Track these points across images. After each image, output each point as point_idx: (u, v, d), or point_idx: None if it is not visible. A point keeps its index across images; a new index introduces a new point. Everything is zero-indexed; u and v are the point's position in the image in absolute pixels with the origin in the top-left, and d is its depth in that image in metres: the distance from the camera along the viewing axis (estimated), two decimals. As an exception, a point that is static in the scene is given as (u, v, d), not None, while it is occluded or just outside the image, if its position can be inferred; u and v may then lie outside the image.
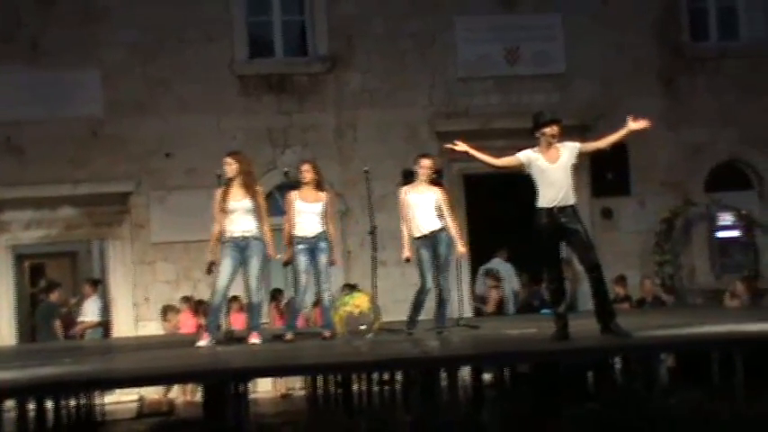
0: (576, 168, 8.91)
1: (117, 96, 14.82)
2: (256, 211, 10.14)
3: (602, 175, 15.70)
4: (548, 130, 8.82)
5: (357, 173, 12.91)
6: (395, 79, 15.37)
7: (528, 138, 15.50)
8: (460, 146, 9.09)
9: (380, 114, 15.25)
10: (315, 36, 15.43)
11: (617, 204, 15.83)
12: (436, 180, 10.77)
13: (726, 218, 16.15)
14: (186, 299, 14.47)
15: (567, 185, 8.76)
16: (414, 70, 15.42)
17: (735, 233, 16.13)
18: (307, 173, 10.49)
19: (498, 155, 15.36)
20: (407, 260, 10.50)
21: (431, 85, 15.47)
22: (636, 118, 8.83)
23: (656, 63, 15.95)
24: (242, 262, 10.12)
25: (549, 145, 8.82)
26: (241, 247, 10.09)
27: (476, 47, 15.53)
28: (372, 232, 10.92)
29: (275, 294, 14.57)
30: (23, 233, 14.90)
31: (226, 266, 10.10)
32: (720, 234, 16.20)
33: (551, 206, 8.69)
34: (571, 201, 8.78)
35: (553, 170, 8.77)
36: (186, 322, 14.19)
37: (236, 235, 10.09)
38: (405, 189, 10.66)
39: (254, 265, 10.14)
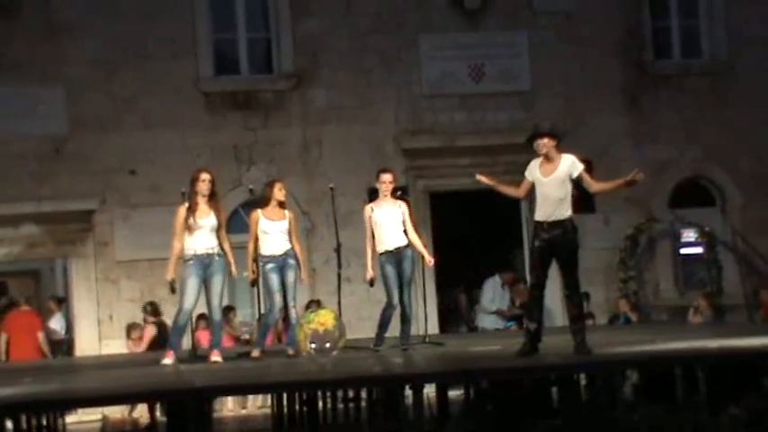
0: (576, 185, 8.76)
1: (81, 113, 14.74)
2: (219, 229, 10.13)
3: (567, 191, 15.75)
4: (537, 143, 8.69)
5: (322, 190, 12.91)
6: (360, 96, 15.40)
7: (490, 154, 15.70)
8: (483, 179, 8.99)
9: (346, 131, 15.27)
10: (280, 53, 15.43)
11: (581, 221, 15.65)
12: (401, 196, 10.77)
13: (689, 235, 16.25)
14: (149, 305, 14.32)
15: (560, 200, 8.64)
16: (379, 87, 15.45)
17: (698, 250, 16.22)
18: (281, 191, 10.47)
19: (463, 172, 15.56)
20: (371, 282, 10.48)
21: (396, 102, 15.50)
22: (638, 173, 8.67)
23: (619, 80, 16.06)
24: (205, 279, 10.08)
25: (547, 157, 8.68)
26: (205, 264, 10.06)
27: (441, 64, 15.59)
28: (337, 249, 10.92)
29: (226, 312, 14.52)
30: (-15, 251, 14.78)
31: (192, 285, 10.05)
32: (684, 251, 16.30)
33: (542, 221, 8.64)
34: (565, 215, 8.66)
35: (546, 183, 8.67)
36: (149, 333, 14.07)
37: (200, 252, 10.06)
38: (369, 206, 10.64)
39: (218, 282, 10.12)
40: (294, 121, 15.33)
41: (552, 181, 8.66)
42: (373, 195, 11.06)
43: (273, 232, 10.39)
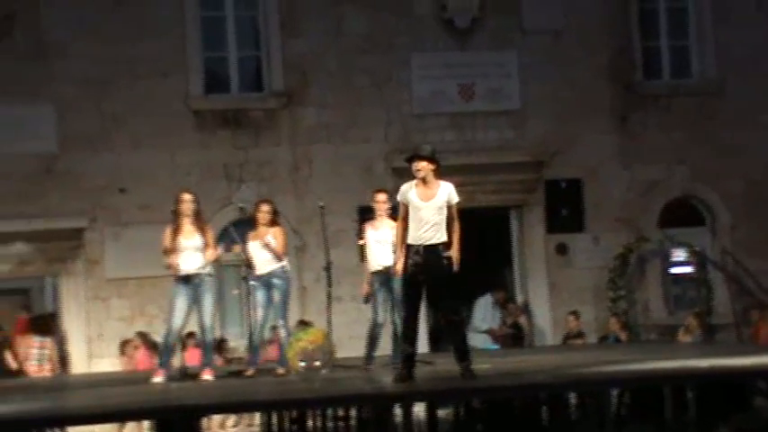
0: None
1: (71, 131, 14.72)
2: (205, 248, 10.15)
3: (556, 211, 15.83)
4: (416, 165, 8.70)
5: (313, 208, 12.91)
6: (350, 115, 15.41)
7: (480, 173, 15.72)
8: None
9: (336, 150, 15.29)
10: (270, 72, 15.45)
11: (571, 240, 15.93)
12: (393, 215, 10.80)
13: (679, 254, 16.28)
14: (142, 335, 14.34)
15: (437, 224, 8.65)
16: (369, 106, 15.47)
17: (688, 269, 16.26)
18: (265, 214, 10.51)
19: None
20: (366, 297, 10.54)
21: (386, 120, 15.52)
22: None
23: (609, 100, 16.10)
24: (195, 299, 10.11)
25: (424, 181, 8.70)
26: (194, 284, 10.09)
27: (431, 83, 15.62)
28: (327, 268, 10.93)
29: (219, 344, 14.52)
30: (-24, 269, 14.74)
31: (180, 305, 10.11)
32: (674, 270, 16.33)
33: (417, 244, 8.63)
34: (440, 240, 8.66)
35: (424, 208, 8.68)
36: (143, 359, 14.05)
37: (187, 273, 10.08)
38: (367, 225, 10.75)
39: (208, 302, 10.17)
40: (284, 140, 15.33)
41: (430, 207, 8.69)
42: (364, 214, 11.11)
43: (256, 252, 10.42)
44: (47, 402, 9.13)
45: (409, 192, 8.70)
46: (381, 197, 10.68)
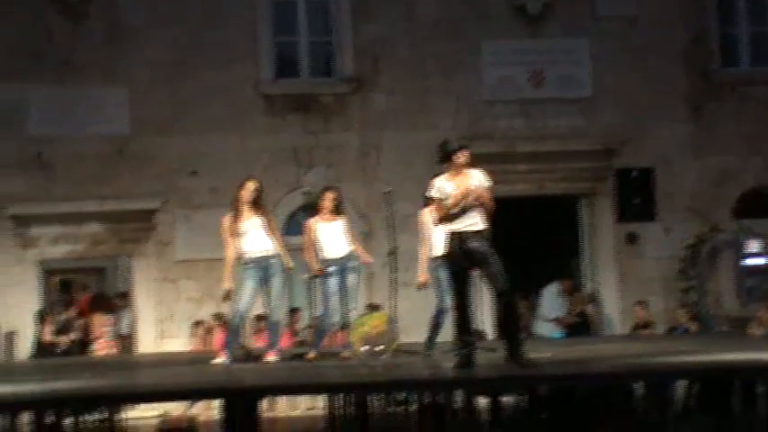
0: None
1: (143, 114, 14.94)
2: (268, 229, 10.21)
3: (627, 200, 15.66)
4: (458, 155, 8.67)
5: (380, 194, 12.89)
6: (419, 101, 15.39)
7: (550, 161, 15.61)
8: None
9: (404, 136, 15.27)
10: (341, 57, 15.49)
11: (642, 230, 15.76)
12: None
13: (753, 245, 16.01)
14: (219, 316, 14.49)
15: (477, 211, 8.62)
16: (438, 93, 15.44)
17: (762, 261, 16.00)
18: (328, 201, 10.55)
19: (522, 178, 15.47)
20: (422, 285, 10.52)
21: (455, 107, 15.47)
22: None
23: (683, 88, 15.86)
24: (264, 281, 10.18)
25: (458, 172, 8.72)
26: (263, 266, 10.17)
27: (501, 70, 15.53)
28: (393, 253, 10.95)
29: (291, 313, 14.63)
30: (51, 248, 15.02)
31: (249, 288, 10.17)
32: (747, 261, 16.07)
33: (462, 231, 8.60)
34: (480, 226, 8.64)
35: None
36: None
37: (257, 255, 10.16)
38: (425, 210, 10.68)
39: (277, 283, 10.23)
40: (353, 126, 15.38)
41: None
42: (428, 202, 11.08)
43: (329, 236, 10.45)
44: (113, 380, 9.29)
45: (445, 185, 8.69)
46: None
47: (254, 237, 10.17)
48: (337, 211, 10.64)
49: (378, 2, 15.45)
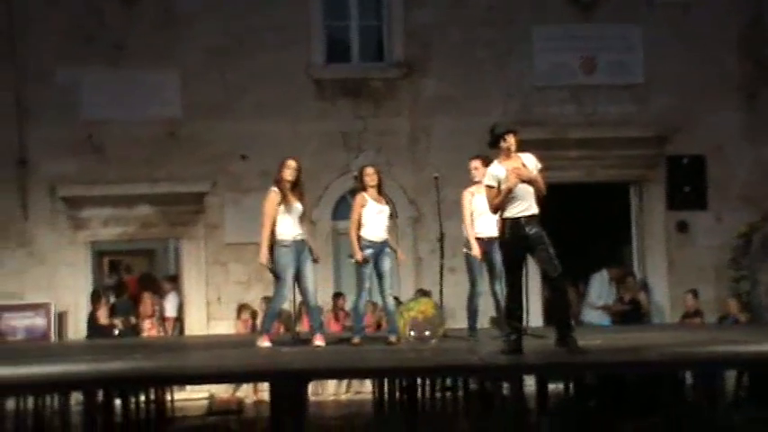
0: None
1: (195, 98, 15.02)
2: (303, 216, 10.28)
3: (678, 188, 15.53)
4: (507, 138, 8.65)
5: (430, 179, 12.87)
6: (470, 87, 15.33)
7: (601, 148, 15.51)
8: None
9: (455, 122, 15.20)
10: (391, 42, 15.48)
11: (693, 218, 15.61)
12: None
13: (806, 235, 15.80)
14: (268, 299, 14.56)
15: (532, 194, 8.63)
16: (489, 79, 15.38)
17: (816, 251, 15.79)
18: (372, 176, 10.50)
19: (572, 165, 15.37)
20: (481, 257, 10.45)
21: (506, 93, 15.40)
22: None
23: (737, 76, 15.67)
24: (299, 265, 10.21)
25: (508, 156, 8.66)
26: (299, 250, 10.21)
27: (552, 56, 15.43)
28: (441, 239, 10.95)
29: (335, 298, 14.68)
30: (102, 230, 15.18)
31: (290, 272, 10.20)
32: (799, 252, 15.86)
33: (520, 216, 8.54)
34: (534, 210, 8.63)
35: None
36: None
37: (296, 239, 10.21)
38: (470, 190, 10.69)
39: (310, 268, 10.27)
40: (403, 111, 15.36)
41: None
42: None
43: (378, 215, 10.42)
44: (162, 361, 9.38)
45: (498, 170, 8.65)
46: (475, 163, 10.61)
47: (295, 220, 10.23)
48: (380, 188, 10.55)
49: (429, -13, 15.41)
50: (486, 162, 10.54)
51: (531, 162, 8.74)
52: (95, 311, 14.26)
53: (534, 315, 13.46)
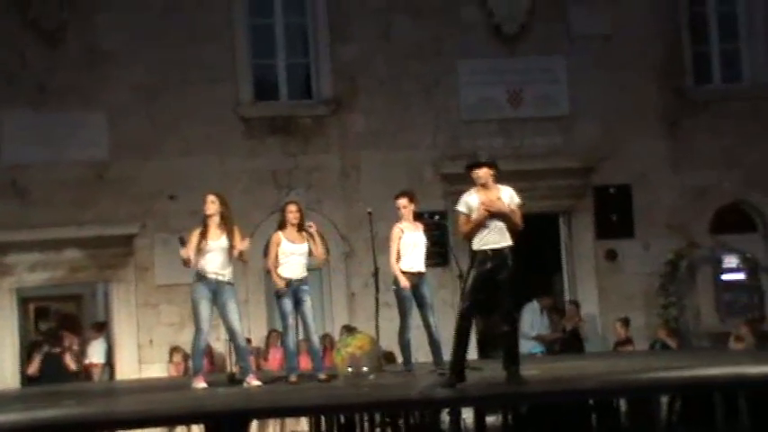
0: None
1: (122, 138, 14.88)
2: (230, 251, 10.16)
3: (606, 217, 15.73)
4: (477, 172, 8.70)
5: (361, 214, 12.93)
6: (399, 121, 15.42)
7: (529, 179, 15.69)
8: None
9: (384, 156, 15.28)
10: (319, 79, 15.51)
11: (621, 246, 15.82)
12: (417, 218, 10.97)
13: (731, 260, 16.10)
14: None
15: (503, 228, 8.65)
16: (417, 112, 15.48)
17: (740, 276, 16.08)
18: (294, 213, 10.46)
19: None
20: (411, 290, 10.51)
21: (435, 126, 15.52)
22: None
23: (659, 105, 15.97)
24: (215, 304, 10.14)
25: (485, 187, 8.71)
26: (212, 289, 10.13)
27: (479, 89, 15.61)
28: (375, 274, 10.97)
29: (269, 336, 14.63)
30: (28, 275, 14.89)
31: (205, 307, 10.18)
32: (725, 277, 16.15)
33: (487, 248, 8.59)
34: (507, 243, 8.67)
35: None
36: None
37: (209, 276, 10.13)
38: (400, 226, 10.77)
39: (234, 308, 10.19)
40: (333, 147, 15.38)
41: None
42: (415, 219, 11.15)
43: (294, 255, 10.37)
44: (97, 407, 9.22)
45: (471, 199, 8.66)
46: (402, 201, 10.77)
47: (214, 256, 10.18)
48: (300, 226, 10.49)
49: (355, 23, 15.48)
50: (412, 198, 10.69)
51: (506, 195, 8.72)
52: (28, 365, 13.98)
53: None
